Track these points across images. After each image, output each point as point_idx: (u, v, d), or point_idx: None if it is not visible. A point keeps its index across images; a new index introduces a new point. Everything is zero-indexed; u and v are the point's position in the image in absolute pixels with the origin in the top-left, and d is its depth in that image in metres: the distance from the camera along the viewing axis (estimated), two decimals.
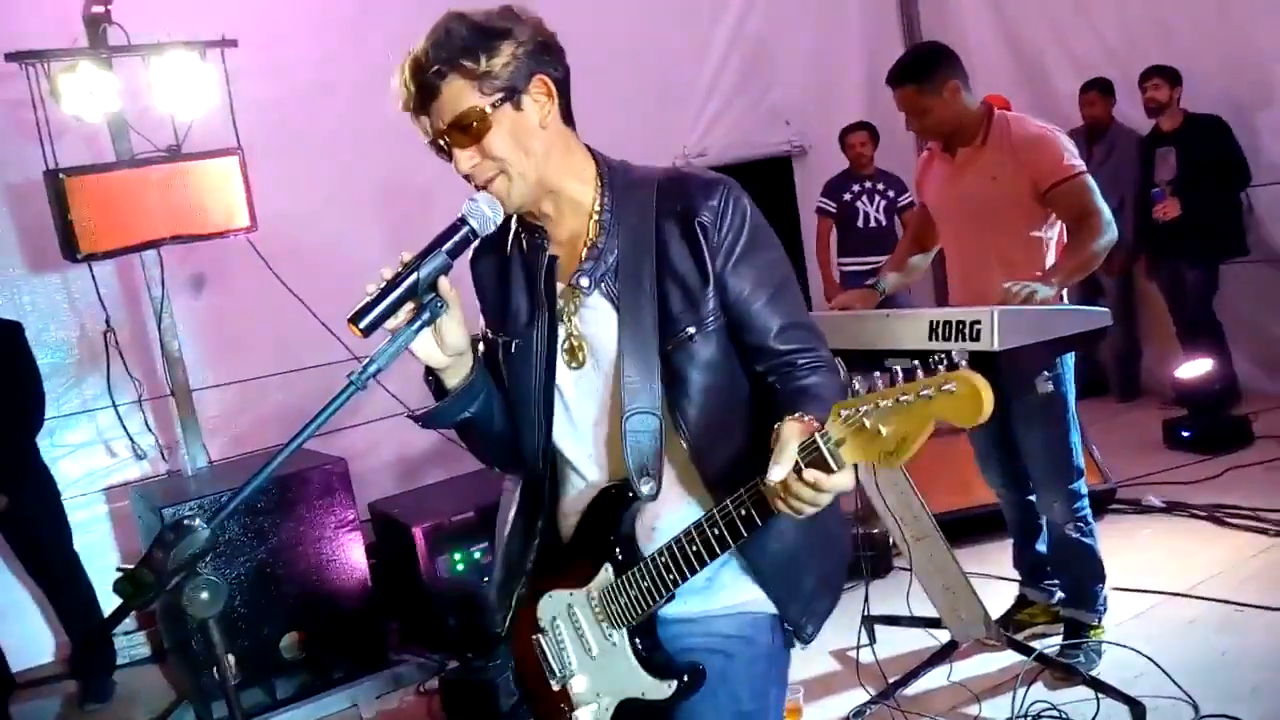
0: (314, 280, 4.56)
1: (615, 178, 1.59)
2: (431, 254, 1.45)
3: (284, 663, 3.78)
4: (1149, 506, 4.42)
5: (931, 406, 1.20)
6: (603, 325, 1.56)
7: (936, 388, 1.19)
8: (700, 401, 1.53)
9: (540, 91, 1.50)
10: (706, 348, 1.53)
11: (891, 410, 1.22)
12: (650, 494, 1.52)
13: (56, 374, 4.38)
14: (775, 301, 1.54)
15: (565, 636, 1.62)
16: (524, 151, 1.49)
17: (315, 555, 3.83)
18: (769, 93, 6.51)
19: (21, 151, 4.13)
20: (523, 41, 1.47)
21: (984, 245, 3.14)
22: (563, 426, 1.63)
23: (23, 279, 4.43)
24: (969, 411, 1.18)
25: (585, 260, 1.57)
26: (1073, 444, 3.14)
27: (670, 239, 1.53)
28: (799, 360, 1.54)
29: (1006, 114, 3.18)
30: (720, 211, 1.51)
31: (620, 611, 1.55)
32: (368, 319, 1.40)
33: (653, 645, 1.57)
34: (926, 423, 1.21)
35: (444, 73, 1.45)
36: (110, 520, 4.57)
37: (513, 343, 1.63)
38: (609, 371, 1.56)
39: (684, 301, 1.52)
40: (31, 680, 4.32)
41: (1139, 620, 3.46)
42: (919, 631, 3.44)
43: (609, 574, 1.55)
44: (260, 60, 4.35)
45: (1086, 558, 3.24)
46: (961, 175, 3.17)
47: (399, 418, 4.75)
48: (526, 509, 1.70)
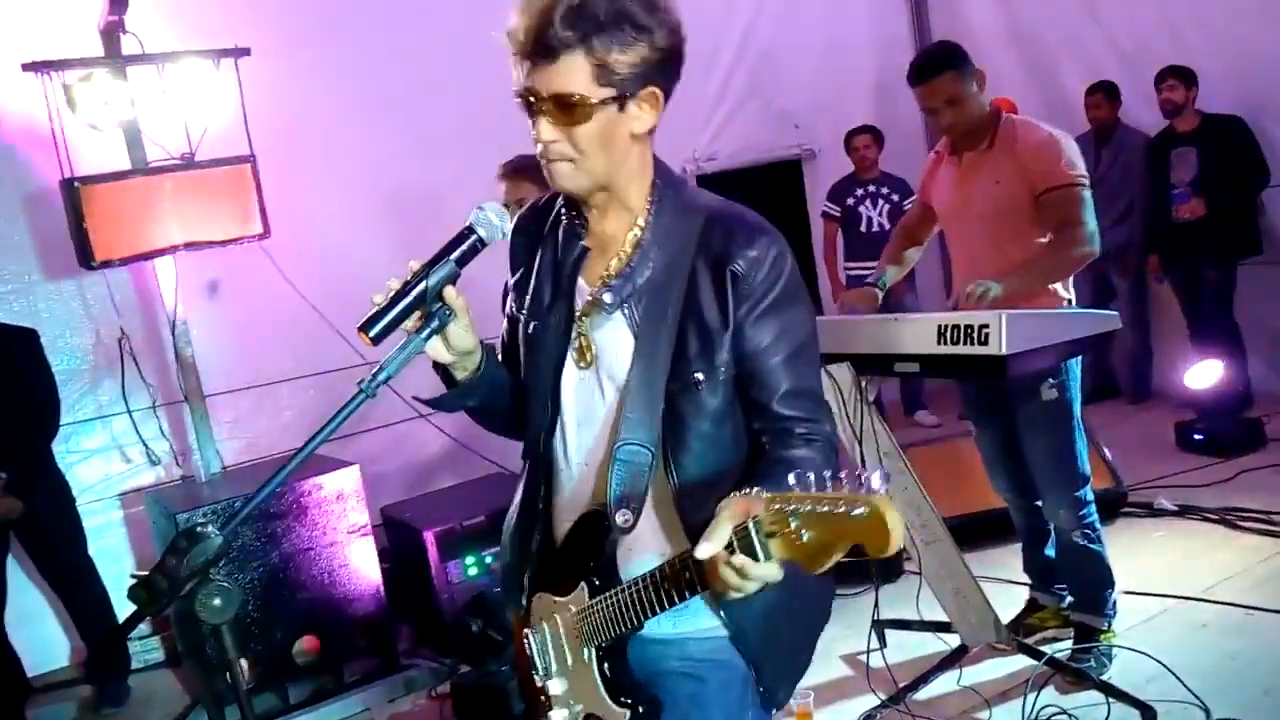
0: (327, 286, 4.60)
1: (668, 196, 1.55)
2: (440, 263, 1.47)
3: (296, 667, 3.79)
4: (1161, 510, 4.41)
5: (841, 525, 1.15)
6: (617, 345, 1.55)
7: (848, 509, 1.13)
8: (696, 449, 1.51)
9: (648, 102, 1.47)
10: (713, 397, 1.51)
11: (814, 517, 1.18)
12: (625, 526, 1.50)
13: (72, 380, 4.42)
14: (790, 363, 1.50)
15: (548, 639, 1.64)
16: (605, 153, 1.46)
17: (328, 560, 3.85)
18: (778, 96, 6.52)
19: (38, 160, 4.19)
20: (658, 47, 1.43)
21: (989, 249, 3.13)
22: (560, 426, 1.63)
23: (39, 286, 4.47)
24: (876, 541, 1.12)
25: (615, 276, 1.55)
26: (1078, 450, 3.13)
27: (701, 279, 1.50)
28: (796, 429, 1.51)
29: (1014, 118, 3.17)
30: (756, 262, 1.48)
31: (592, 631, 1.54)
32: (377, 327, 1.42)
33: (619, 669, 1.55)
34: (840, 539, 1.15)
35: (571, 44, 1.38)
36: (125, 525, 4.60)
37: (531, 323, 1.63)
38: (612, 390, 1.56)
39: (700, 345, 1.49)
40: (47, 685, 4.35)
41: (1150, 624, 3.45)
42: (929, 636, 3.44)
43: (584, 594, 1.56)
44: (273, 68, 4.38)
45: (1094, 563, 3.23)
46: (968, 179, 3.16)
47: (409, 423, 4.80)
48: (530, 490, 1.71)
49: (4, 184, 4.35)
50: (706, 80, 6.15)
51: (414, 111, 5.02)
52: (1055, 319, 2.78)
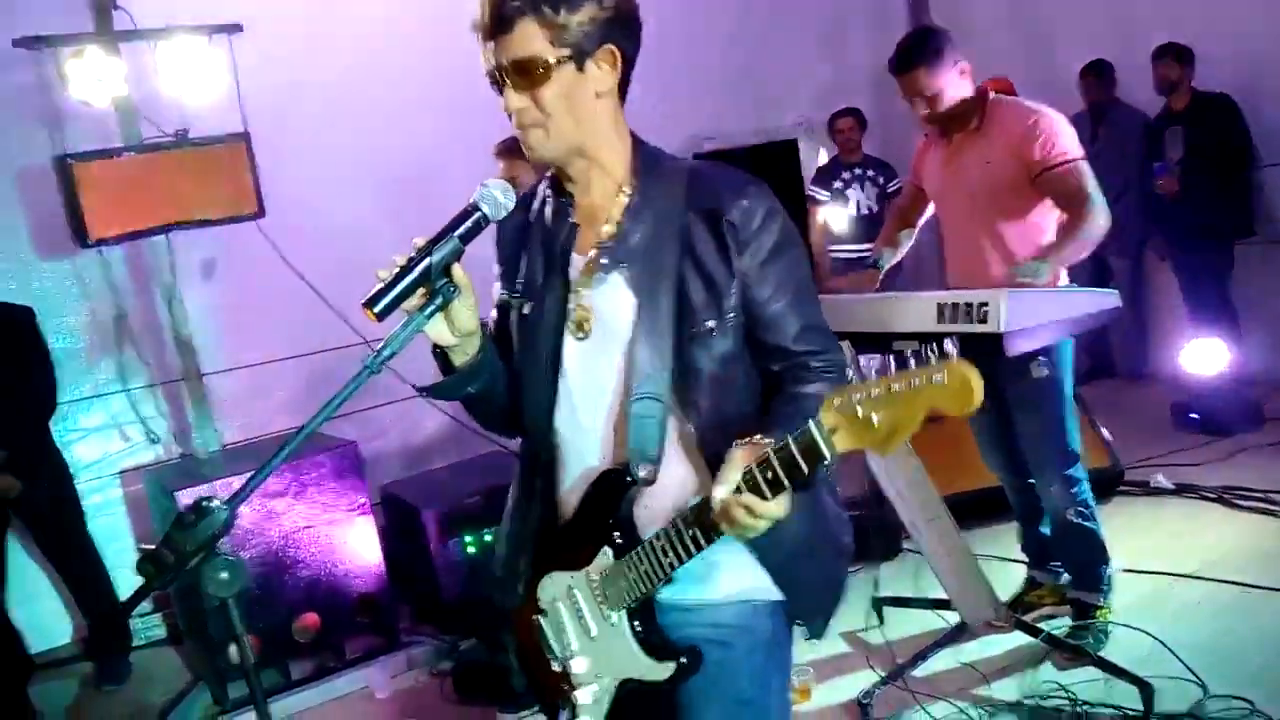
0: (323, 265, 4.58)
1: (649, 162, 1.61)
2: (444, 239, 1.46)
3: (298, 644, 3.81)
4: (1158, 488, 4.42)
5: (921, 396, 1.22)
6: (617, 306, 1.57)
7: (926, 378, 1.21)
8: (713, 392, 1.56)
9: (606, 61, 1.53)
10: (724, 342, 1.56)
11: (883, 399, 1.25)
12: (648, 479, 1.54)
13: (69, 359, 4.40)
14: (796, 304, 1.58)
15: (565, 618, 1.63)
16: (571, 113, 1.52)
17: (328, 538, 3.86)
18: (776, 76, 6.49)
19: (30, 137, 4.16)
20: (606, 6, 1.50)
21: (981, 230, 3.14)
22: (564, 399, 1.64)
23: (33, 265, 4.44)
24: (958, 401, 1.20)
25: (608, 239, 1.58)
26: (1069, 428, 3.14)
27: (697, 232, 1.55)
28: (812, 363, 1.58)
29: (1002, 97, 3.16)
30: (749, 211, 1.54)
31: (619, 594, 1.56)
32: (382, 303, 1.42)
33: (651, 627, 1.58)
34: (917, 412, 1.24)
35: (523, 11, 1.46)
36: (124, 503, 4.60)
37: (524, 304, 1.65)
38: (617, 352, 1.58)
39: (706, 294, 1.54)
40: (49, 662, 4.37)
41: (1147, 601, 3.47)
42: (928, 613, 3.46)
43: (608, 557, 1.57)
44: (267, 46, 4.35)
45: (1088, 540, 3.25)
46: (958, 160, 3.16)
47: (408, 401, 4.79)
48: (528, 479, 1.72)
49: None
50: (705, 59, 6.11)
51: (410, 87, 4.98)
52: (1055, 297, 2.77)
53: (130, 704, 4.02)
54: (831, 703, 3.18)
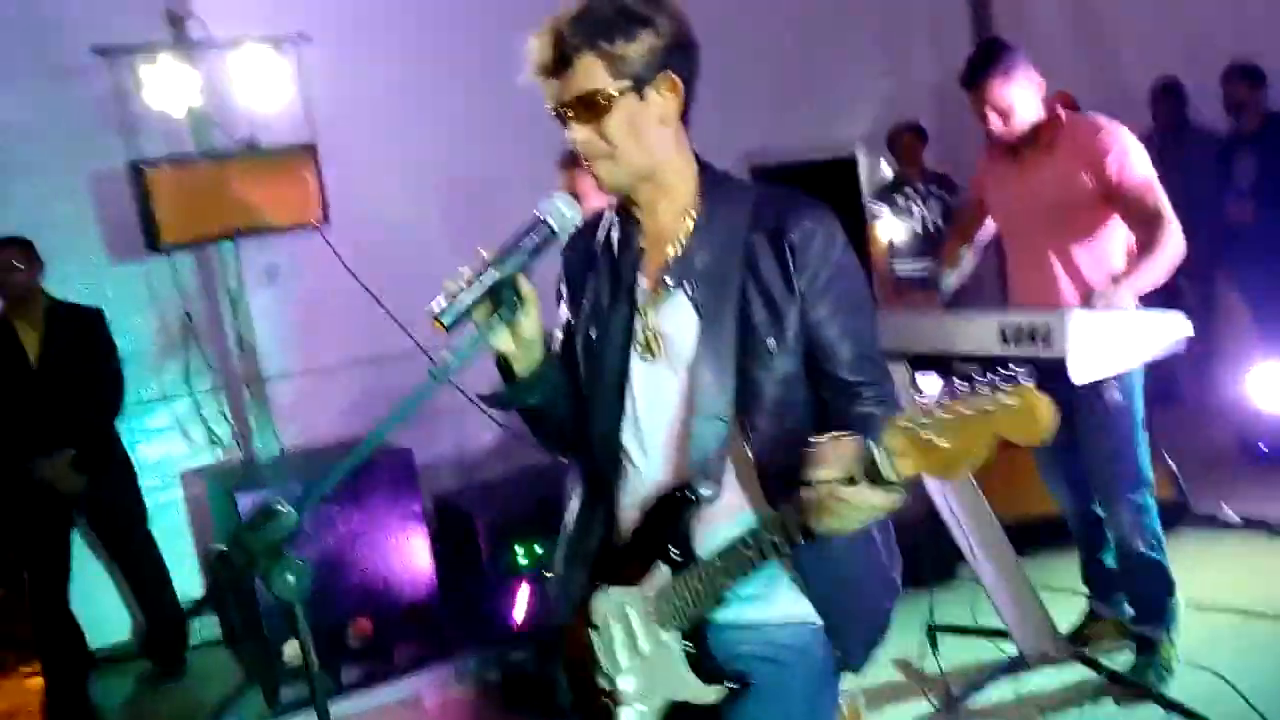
0: (384, 272, 4.63)
1: (715, 184, 1.62)
2: (511, 252, 1.48)
3: (349, 649, 3.85)
4: (1225, 522, 4.29)
5: (990, 422, 1.19)
6: (682, 325, 1.58)
7: (996, 403, 1.18)
8: (772, 412, 1.56)
9: (667, 88, 1.54)
10: (785, 362, 1.56)
11: (950, 424, 1.22)
12: (710, 497, 1.55)
13: (135, 361, 4.49)
14: (852, 332, 1.58)
15: (616, 635, 1.63)
16: (636, 142, 1.54)
17: (381, 544, 3.90)
18: (836, 91, 6.46)
19: (105, 143, 4.27)
20: (662, 34, 1.52)
21: (1050, 249, 3.07)
22: (629, 419, 1.64)
23: (104, 268, 4.55)
24: (1028, 430, 1.16)
25: (674, 259, 1.59)
26: (1140, 455, 3.07)
27: (760, 252, 1.56)
28: (864, 392, 1.58)
29: (1074, 115, 3.10)
30: (810, 233, 1.55)
31: (673, 612, 1.56)
32: (450, 316, 1.44)
33: (702, 648, 1.57)
34: (985, 439, 1.20)
35: (580, 47, 1.49)
36: (184, 505, 4.68)
37: (590, 329, 1.66)
38: (682, 371, 1.59)
39: (768, 314, 1.55)
40: (106, 658, 4.45)
41: (1214, 639, 3.35)
42: (984, 642, 3.38)
43: (664, 574, 1.56)
44: (334, 56, 4.43)
45: (1155, 572, 3.16)
46: (1027, 178, 3.09)
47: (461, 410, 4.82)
48: (589, 498, 1.72)
49: (72, 167, 4.43)
50: (762, 73, 6.10)
51: (473, 98, 5.01)
52: (1122, 321, 2.71)
53: (184, 702, 4.09)
54: None
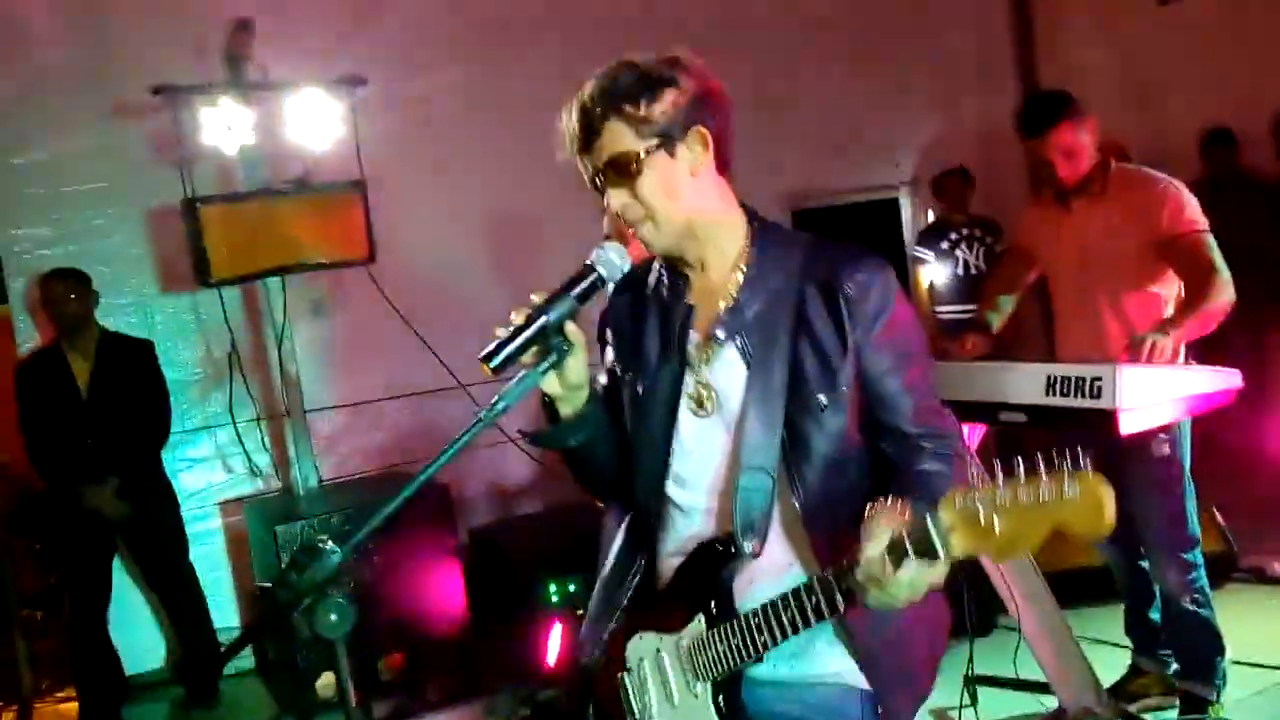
0: (428, 310, 4.69)
1: (765, 235, 1.61)
2: (561, 298, 1.50)
3: (381, 683, 3.85)
4: (1274, 577, 4.19)
5: (1048, 511, 1.16)
6: (732, 378, 1.57)
7: (1058, 492, 1.14)
8: (821, 468, 1.54)
9: (696, 142, 1.54)
10: (835, 418, 1.54)
11: (1008, 508, 1.19)
12: (753, 552, 1.53)
13: (181, 391, 4.57)
14: (913, 383, 1.55)
15: (649, 680, 1.62)
16: (673, 198, 1.54)
17: (415, 578, 3.91)
18: (879, 133, 6.47)
19: (159, 179, 4.38)
20: (685, 91, 1.52)
21: (1099, 299, 3.05)
22: (674, 471, 1.64)
23: (154, 299, 4.66)
24: (1089, 522, 1.14)
25: (725, 312, 1.58)
26: (1189, 511, 3.01)
27: (812, 303, 1.54)
28: (927, 445, 1.55)
29: (1125, 166, 3.09)
30: (866, 286, 1.53)
31: (707, 664, 1.54)
32: (499, 359, 1.46)
33: (734, 704, 1.55)
34: (1042, 527, 1.17)
35: (606, 116, 1.51)
36: (223, 533, 4.73)
37: (639, 383, 1.65)
38: (731, 424, 1.57)
39: (819, 368, 1.53)
40: (142, 684, 4.49)
41: (1262, 697, 3.27)
42: (1025, 696, 3.31)
43: (701, 625, 1.55)
44: (386, 96, 4.52)
45: (1203, 629, 3.08)
46: (1077, 227, 3.07)
47: (497, 446, 4.85)
48: (630, 545, 1.72)
49: (129, 201, 4.56)
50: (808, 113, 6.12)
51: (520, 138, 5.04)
52: (1173, 375, 2.67)
53: None
54: None
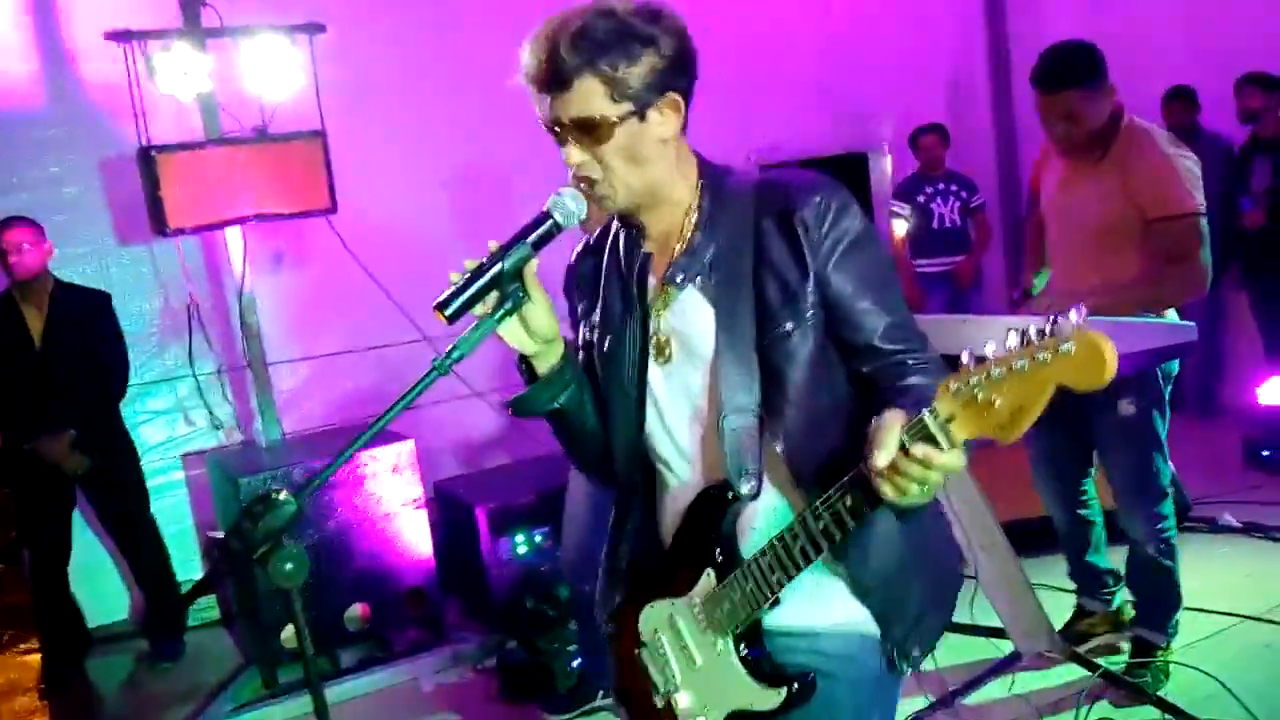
0: (390, 262, 4.65)
1: (716, 180, 1.57)
2: (516, 245, 1.47)
3: (347, 633, 3.87)
4: (1225, 526, 4.30)
5: (1047, 371, 1.10)
6: (697, 321, 1.54)
7: (1053, 350, 1.10)
8: (797, 399, 1.49)
9: (669, 108, 1.49)
10: (805, 344, 1.49)
11: (1005, 379, 1.14)
12: (751, 493, 1.49)
13: (139, 343, 4.51)
14: (881, 300, 1.50)
15: (668, 649, 1.58)
16: (635, 165, 1.49)
17: (381, 531, 3.92)
18: (848, 90, 6.44)
19: (115, 128, 4.28)
20: (665, 54, 1.45)
21: (1086, 259, 3.05)
22: (655, 425, 1.61)
23: (111, 251, 4.58)
24: (1089, 374, 1.08)
25: (680, 256, 1.55)
26: (1157, 466, 3.06)
27: (769, 236, 1.50)
28: (907, 360, 1.50)
29: (1136, 128, 2.96)
30: (821, 209, 1.48)
31: (724, 618, 1.51)
32: (453, 306, 1.43)
33: (760, 651, 1.51)
34: (1044, 389, 1.12)
35: (580, 69, 1.42)
36: (185, 487, 4.71)
37: (605, 339, 1.62)
38: (703, 368, 1.54)
39: (782, 297, 1.49)
40: (105, 637, 4.48)
41: (1210, 642, 3.36)
42: (981, 640, 3.39)
43: (711, 579, 1.52)
44: (347, 44, 4.43)
45: (1166, 579, 3.16)
46: (1074, 185, 3.06)
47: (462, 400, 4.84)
48: (622, 514, 1.70)
49: (82, 150, 4.45)
50: (776, 70, 6.09)
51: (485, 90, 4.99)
52: (1130, 327, 2.71)
53: (182, 683, 4.10)
54: None
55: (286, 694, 3.75)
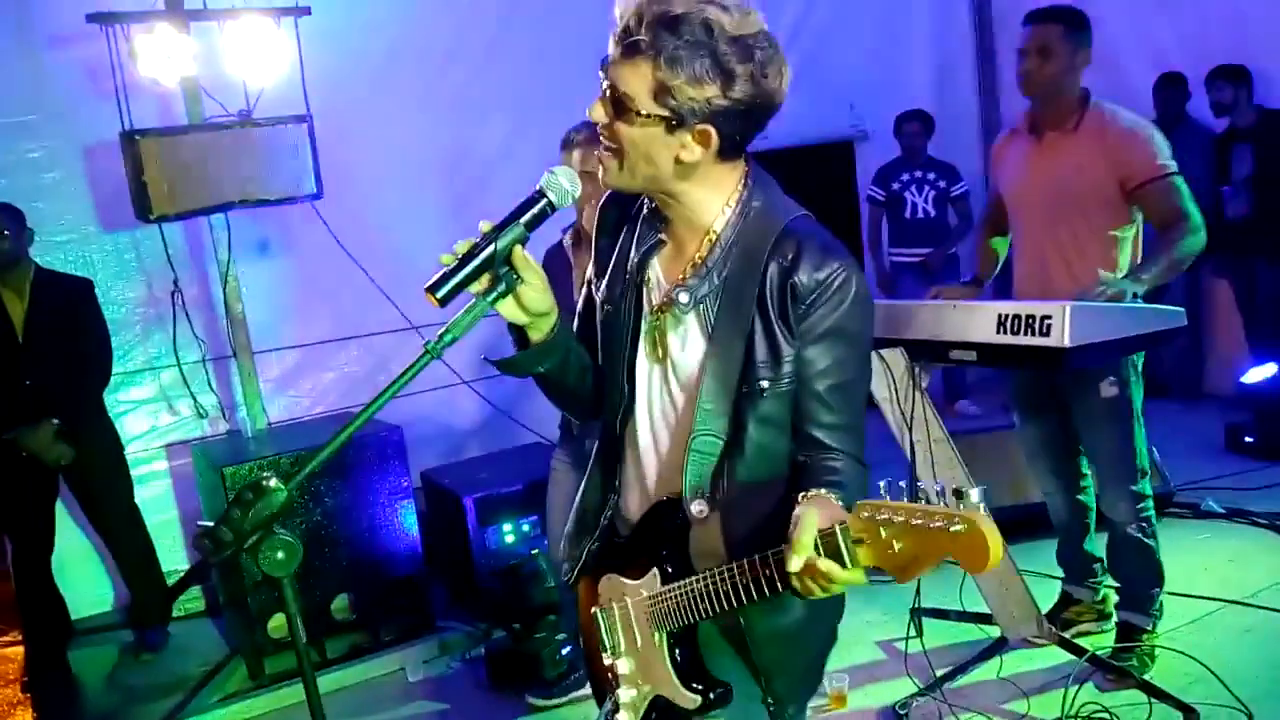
0: (377, 248, 4.61)
1: (753, 202, 1.55)
2: (509, 226, 1.46)
3: (334, 623, 3.85)
4: (1208, 512, 4.33)
5: (937, 541, 1.16)
6: (689, 346, 1.57)
7: (946, 524, 1.14)
8: (749, 456, 1.53)
9: (699, 138, 1.47)
10: (772, 406, 1.51)
11: (907, 529, 1.19)
12: (700, 516, 1.54)
13: (123, 330, 4.46)
14: (837, 396, 1.51)
15: (617, 620, 1.66)
16: (645, 161, 1.49)
17: (368, 520, 3.89)
18: (833, 76, 6.43)
19: (97, 112, 4.21)
20: (732, 96, 1.43)
21: (1059, 237, 3.07)
22: (639, 412, 1.64)
23: (94, 237, 4.50)
24: (972, 559, 1.13)
25: (691, 276, 1.56)
26: (1137, 446, 3.09)
27: (771, 285, 1.50)
28: (835, 463, 1.50)
29: (1102, 104, 3.06)
30: (821, 284, 1.47)
31: (664, 616, 1.57)
32: (445, 289, 1.42)
33: (689, 656, 1.59)
34: (932, 555, 1.17)
35: (645, 50, 1.41)
36: (170, 476, 4.66)
37: (604, 307, 1.66)
38: (686, 387, 1.57)
39: (768, 353, 1.50)
40: (89, 628, 4.44)
41: (1195, 626, 3.40)
42: (968, 625, 3.41)
43: (656, 580, 1.58)
44: (332, 28, 4.37)
45: (1146, 558, 3.19)
46: (1046, 160, 3.08)
47: (451, 388, 4.82)
48: (605, 462, 1.72)
49: (65, 135, 4.38)
50: None
51: (473, 75, 5.00)
52: (1119, 313, 2.71)
53: (167, 673, 4.07)
54: (867, 710, 3.15)
55: (273, 684, 3.73)
